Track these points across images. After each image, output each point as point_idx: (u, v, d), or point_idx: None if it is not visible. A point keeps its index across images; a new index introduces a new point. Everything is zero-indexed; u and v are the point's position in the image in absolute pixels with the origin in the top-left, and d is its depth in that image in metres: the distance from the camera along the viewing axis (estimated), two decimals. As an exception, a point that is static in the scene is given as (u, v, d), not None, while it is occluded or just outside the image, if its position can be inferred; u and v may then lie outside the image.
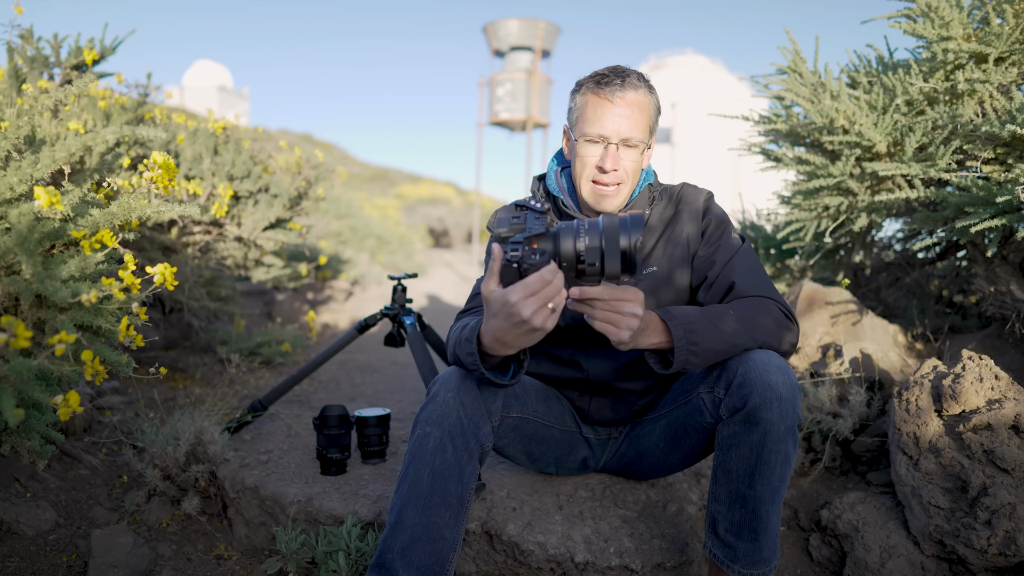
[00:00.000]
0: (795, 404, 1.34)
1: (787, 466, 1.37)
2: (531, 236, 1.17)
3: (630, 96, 1.46)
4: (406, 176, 28.91)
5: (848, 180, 2.35)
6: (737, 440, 1.37)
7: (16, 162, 1.46)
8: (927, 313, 2.66)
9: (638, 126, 1.48)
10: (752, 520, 1.39)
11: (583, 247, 1.16)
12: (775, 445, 1.34)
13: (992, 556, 1.55)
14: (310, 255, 4.80)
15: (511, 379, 1.34)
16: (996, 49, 2.11)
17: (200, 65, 34.90)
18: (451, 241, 17.93)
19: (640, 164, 1.52)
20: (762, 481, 1.36)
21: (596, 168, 1.48)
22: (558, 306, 1.13)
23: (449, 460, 1.36)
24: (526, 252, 1.15)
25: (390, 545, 1.34)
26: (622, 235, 1.16)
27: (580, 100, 1.51)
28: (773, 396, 1.32)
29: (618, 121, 1.46)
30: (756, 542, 1.40)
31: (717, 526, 1.44)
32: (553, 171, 1.65)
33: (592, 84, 1.49)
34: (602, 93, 1.46)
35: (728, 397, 1.37)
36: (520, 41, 13.29)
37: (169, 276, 1.54)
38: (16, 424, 1.24)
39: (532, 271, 1.14)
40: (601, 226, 1.17)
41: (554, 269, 1.12)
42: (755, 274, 1.48)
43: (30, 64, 2.60)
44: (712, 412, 1.43)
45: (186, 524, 1.93)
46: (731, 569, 1.42)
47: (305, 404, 2.76)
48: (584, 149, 1.49)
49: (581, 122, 1.50)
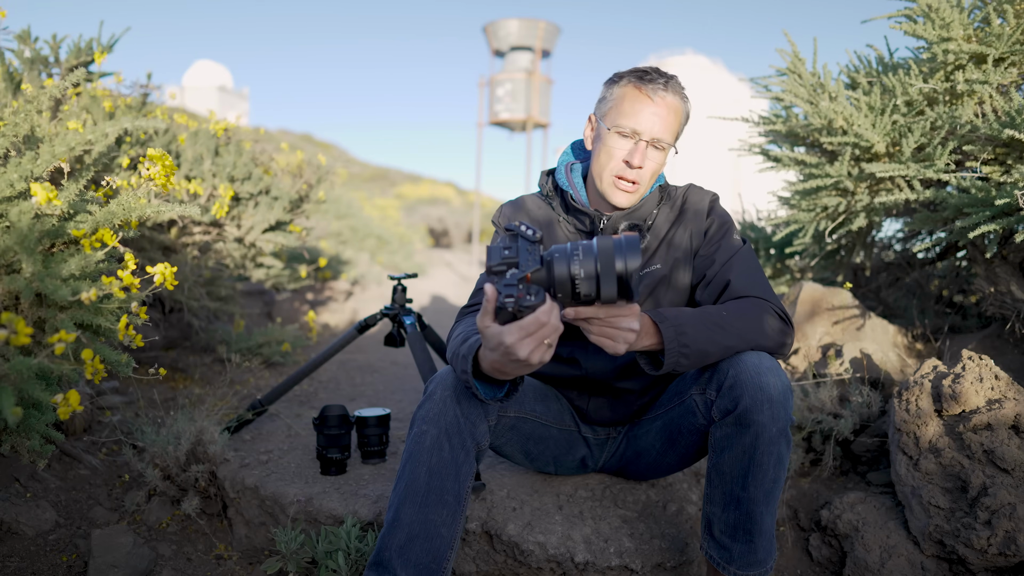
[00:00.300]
0: (787, 406, 1.33)
1: (780, 467, 1.37)
2: (523, 275, 1.10)
3: (670, 98, 1.47)
4: (406, 176, 28.92)
5: (846, 180, 2.35)
6: (729, 442, 1.37)
7: (15, 159, 1.46)
8: (927, 313, 2.66)
9: (670, 129, 1.48)
10: (746, 522, 1.39)
11: (578, 273, 1.12)
12: (767, 447, 1.33)
13: (992, 556, 1.55)
14: (310, 256, 4.80)
15: (504, 397, 1.33)
16: (996, 50, 2.11)
17: (200, 65, 34.91)
18: (451, 241, 17.93)
19: (662, 167, 1.53)
20: (755, 483, 1.36)
21: (623, 162, 1.48)
22: (553, 341, 1.12)
23: (446, 458, 1.36)
24: (520, 294, 1.09)
25: (387, 543, 1.34)
26: (617, 259, 1.11)
27: (618, 92, 1.50)
28: (764, 398, 1.31)
29: (653, 120, 1.46)
30: (751, 543, 1.40)
31: (712, 527, 1.44)
32: (564, 165, 1.64)
33: (634, 78, 1.48)
34: (644, 89, 1.46)
35: (719, 399, 1.37)
36: (520, 41, 13.30)
37: (169, 276, 1.54)
38: (15, 423, 1.24)
39: (528, 313, 1.09)
40: (595, 250, 1.12)
41: (549, 309, 1.10)
42: (752, 274, 1.48)
43: (29, 65, 2.60)
44: (704, 414, 1.43)
45: (186, 524, 1.93)
46: (727, 571, 1.42)
47: (305, 404, 2.76)
48: (614, 141, 1.49)
49: (615, 113, 1.49)
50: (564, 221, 1.61)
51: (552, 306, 1.11)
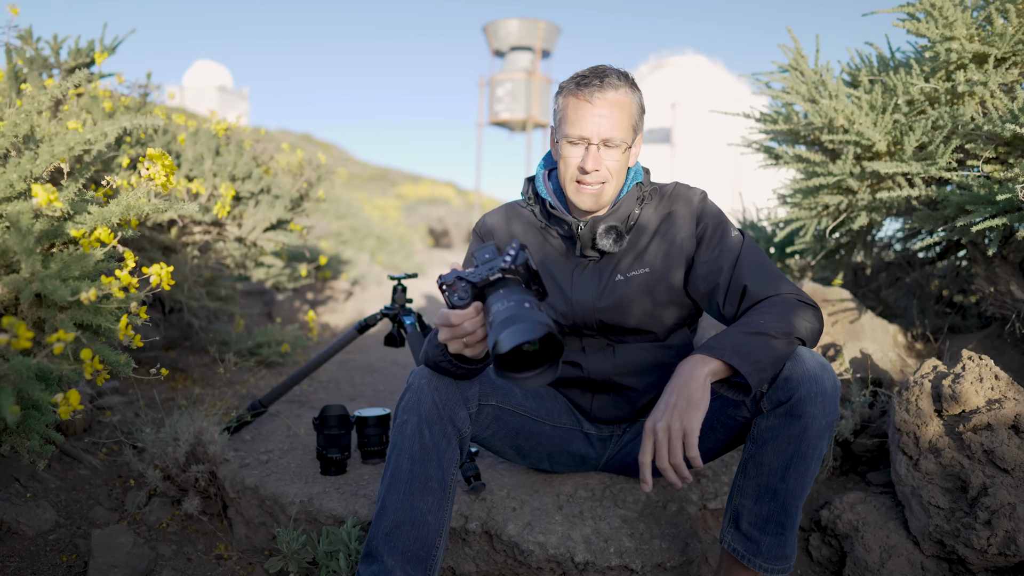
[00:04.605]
0: (836, 402, 1.37)
1: (818, 464, 1.39)
2: (462, 277, 1.23)
3: (610, 96, 1.46)
4: (406, 176, 28.91)
5: (848, 179, 2.35)
6: (775, 433, 1.38)
7: (15, 159, 1.46)
8: (927, 313, 2.66)
9: (619, 126, 1.48)
10: (781, 514, 1.40)
11: (492, 318, 1.16)
12: (813, 440, 1.36)
13: (992, 556, 1.55)
14: (310, 255, 4.80)
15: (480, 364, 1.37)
16: (999, 50, 2.10)
17: (200, 65, 34.89)
18: (451, 241, 17.93)
19: (624, 163, 1.53)
20: (796, 475, 1.38)
21: (578, 169, 1.49)
22: (470, 342, 1.24)
23: (427, 445, 1.39)
24: (454, 289, 1.23)
25: (375, 532, 1.37)
26: (522, 339, 1.08)
27: (562, 102, 1.52)
28: (819, 391, 1.34)
29: (598, 122, 1.46)
30: (782, 536, 1.41)
31: (740, 520, 1.44)
32: (540, 174, 1.66)
33: (572, 86, 1.49)
34: (581, 94, 1.47)
35: (772, 391, 1.38)
36: (520, 41, 13.31)
37: (165, 276, 1.54)
38: (15, 423, 1.24)
39: (458, 307, 1.24)
40: (511, 318, 1.11)
41: (460, 315, 1.22)
42: (764, 271, 1.49)
43: (29, 65, 2.60)
44: (751, 406, 1.44)
45: (186, 524, 1.93)
46: (752, 563, 1.43)
47: (305, 404, 2.76)
48: (566, 151, 1.50)
49: (562, 124, 1.51)
50: (547, 227, 1.63)
51: (464, 315, 1.22)
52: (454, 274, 1.24)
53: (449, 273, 1.25)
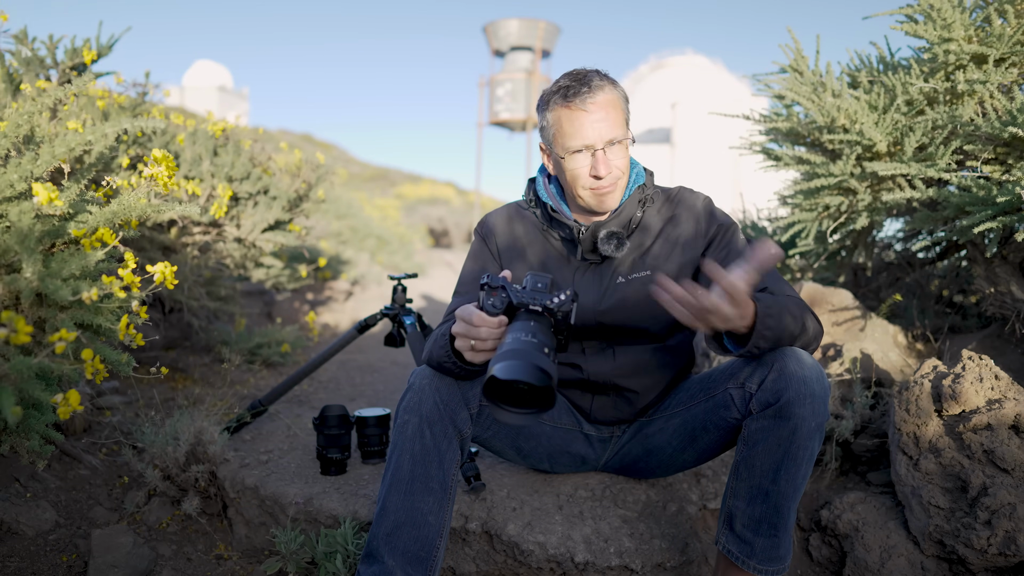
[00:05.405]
0: (826, 403, 1.37)
1: (810, 465, 1.39)
2: (499, 286, 1.25)
3: (600, 98, 1.46)
4: (406, 176, 28.90)
5: (849, 180, 2.35)
6: (765, 435, 1.38)
7: (16, 159, 1.46)
8: (927, 313, 2.65)
9: (616, 124, 1.48)
10: (773, 515, 1.40)
11: (508, 342, 1.17)
12: (804, 441, 1.36)
13: (992, 556, 1.55)
14: (310, 256, 4.79)
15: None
16: (997, 50, 2.10)
17: (200, 65, 34.87)
18: (451, 241, 17.92)
19: (628, 156, 1.54)
20: (786, 477, 1.38)
21: (592, 177, 1.49)
22: (478, 347, 1.26)
23: (428, 445, 1.40)
24: (494, 294, 1.25)
25: (376, 532, 1.38)
26: (520, 376, 1.10)
27: (552, 117, 1.50)
28: (807, 392, 1.34)
29: (598, 127, 1.46)
30: (775, 538, 1.41)
31: (734, 522, 1.44)
32: (541, 180, 1.66)
33: (559, 99, 1.48)
34: (573, 105, 1.46)
35: (760, 392, 1.39)
36: (520, 41, 13.32)
37: (169, 275, 1.54)
38: (15, 423, 1.24)
39: (487, 312, 1.26)
40: (523, 352, 1.13)
41: (486, 320, 1.24)
42: (771, 274, 1.50)
43: (25, 66, 2.60)
44: (741, 408, 1.44)
45: (186, 524, 1.93)
46: (747, 565, 1.43)
47: (305, 404, 2.76)
48: (573, 163, 1.49)
49: (561, 138, 1.49)
50: (549, 230, 1.63)
51: (487, 321, 1.24)
52: (502, 281, 1.25)
53: (499, 277, 1.26)
